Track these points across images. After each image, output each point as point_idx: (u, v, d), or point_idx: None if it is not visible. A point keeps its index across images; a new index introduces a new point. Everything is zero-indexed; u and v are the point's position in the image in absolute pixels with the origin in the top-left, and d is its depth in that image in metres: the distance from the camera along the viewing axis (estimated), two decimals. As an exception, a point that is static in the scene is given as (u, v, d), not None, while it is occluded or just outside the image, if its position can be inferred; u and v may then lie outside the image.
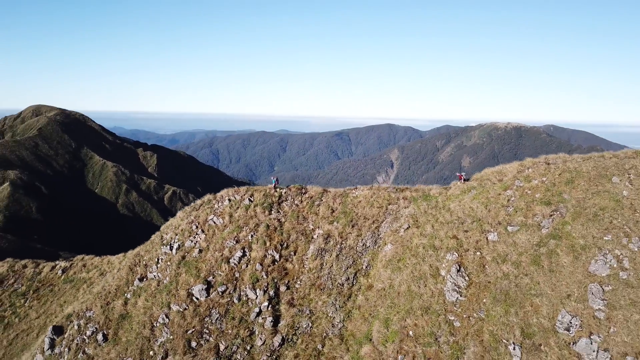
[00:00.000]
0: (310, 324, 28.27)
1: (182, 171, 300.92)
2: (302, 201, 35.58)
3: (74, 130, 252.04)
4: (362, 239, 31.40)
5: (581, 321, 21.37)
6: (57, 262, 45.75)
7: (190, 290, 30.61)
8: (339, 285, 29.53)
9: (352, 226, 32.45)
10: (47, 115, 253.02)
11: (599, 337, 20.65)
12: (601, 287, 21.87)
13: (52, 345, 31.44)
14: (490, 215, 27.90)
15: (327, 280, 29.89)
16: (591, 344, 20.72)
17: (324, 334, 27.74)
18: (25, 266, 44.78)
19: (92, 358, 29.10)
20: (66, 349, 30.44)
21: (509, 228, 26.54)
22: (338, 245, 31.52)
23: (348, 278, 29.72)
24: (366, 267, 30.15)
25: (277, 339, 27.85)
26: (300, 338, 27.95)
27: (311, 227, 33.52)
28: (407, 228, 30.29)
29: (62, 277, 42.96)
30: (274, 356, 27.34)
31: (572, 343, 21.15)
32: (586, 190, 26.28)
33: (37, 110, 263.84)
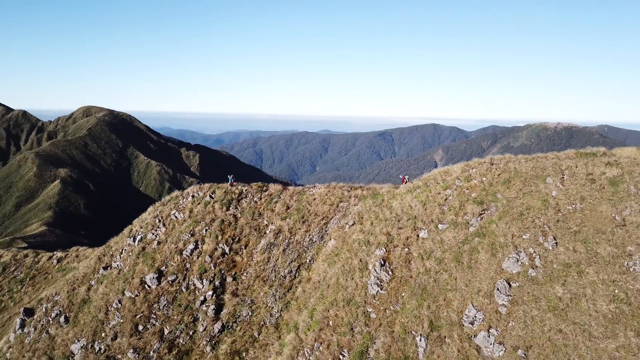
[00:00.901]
0: (250, 313, 29.81)
1: (224, 170, 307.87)
2: (261, 198, 37.00)
3: (121, 130, 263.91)
4: (310, 235, 32.56)
5: (484, 315, 21.87)
6: (54, 252, 49.48)
7: (143, 278, 32.77)
8: (281, 277, 30.89)
9: (303, 222, 33.64)
10: (97, 115, 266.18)
11: (496, 330, 21.12)
12: (508, 283, 22.28)
13: (22, 326, 34.42)
14: (425, 214, 28.44)
15: (271, 272, 31.30)
16: (489, 337, 21.19)
17: (262, 323, 29.21)
18: (26, 255, 48.71)
19: (53, 338, 31.89)
20: (33, 329, 33.42)
21: (440, 226, 27.04)
22: (286, 240, 32.80)
23: (291, 271, 30.99)
24: (309, 261, 31.28)
25: (218, 326, 29.55)
26: (240, 326, 29.53)
27: (265, 222, 34.93)
28: (352, 225, 31.20)
29: (57, 266, 46.47)
30: (213, 341, 29.06)
31: (473, 336, 21.74)
32: (519, 190, 26.52)
33: (87, 111, 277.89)
